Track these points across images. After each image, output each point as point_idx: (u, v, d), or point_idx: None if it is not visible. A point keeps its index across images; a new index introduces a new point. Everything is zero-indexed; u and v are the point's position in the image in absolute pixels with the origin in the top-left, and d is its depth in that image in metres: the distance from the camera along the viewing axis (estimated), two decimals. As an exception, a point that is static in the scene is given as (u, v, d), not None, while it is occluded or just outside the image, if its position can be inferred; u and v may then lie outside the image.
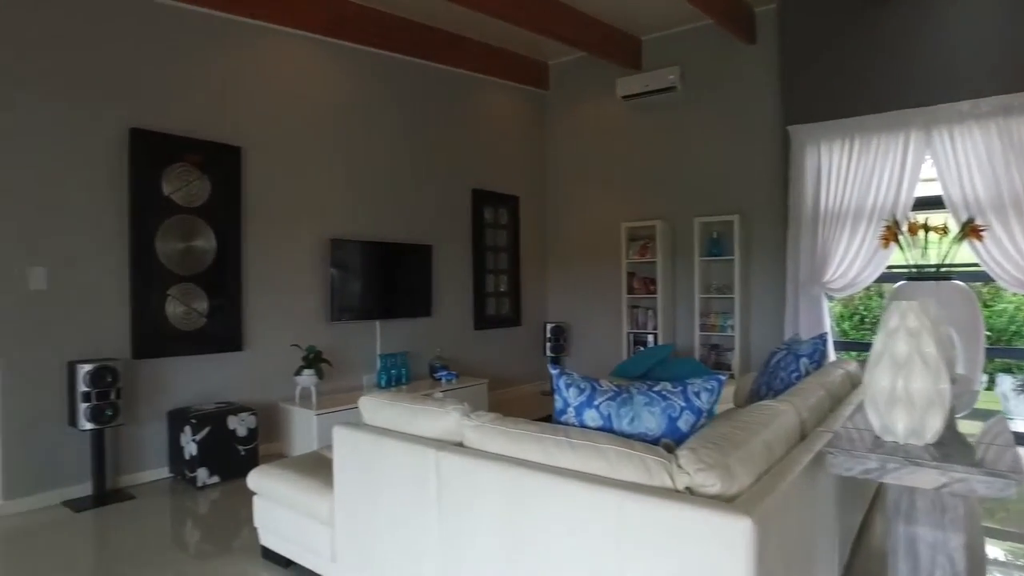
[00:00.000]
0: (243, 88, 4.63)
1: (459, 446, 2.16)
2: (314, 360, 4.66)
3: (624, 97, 6.39)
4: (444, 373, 5.67)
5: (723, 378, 2.04)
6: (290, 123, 4.92)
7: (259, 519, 2.92)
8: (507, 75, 6.75)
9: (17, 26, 3.64)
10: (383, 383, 5.40)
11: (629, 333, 6.40)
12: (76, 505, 3.69)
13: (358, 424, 2.51)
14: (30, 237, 3.69)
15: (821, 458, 1.98)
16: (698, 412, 2.01)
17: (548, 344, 7.00)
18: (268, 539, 2.91)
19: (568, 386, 2.15)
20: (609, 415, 2.05)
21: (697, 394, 2.02)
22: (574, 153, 7.09)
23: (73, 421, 3.70)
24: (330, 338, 5.14)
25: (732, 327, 5.77)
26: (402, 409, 2.38)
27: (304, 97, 5.01)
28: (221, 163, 4.43)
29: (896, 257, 4.67)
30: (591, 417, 2.08)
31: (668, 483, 1.69)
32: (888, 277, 5.07)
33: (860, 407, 2.28)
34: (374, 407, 2.49)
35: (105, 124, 3.95)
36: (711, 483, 1.61)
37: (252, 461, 4.20)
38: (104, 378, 3.67)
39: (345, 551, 2.47)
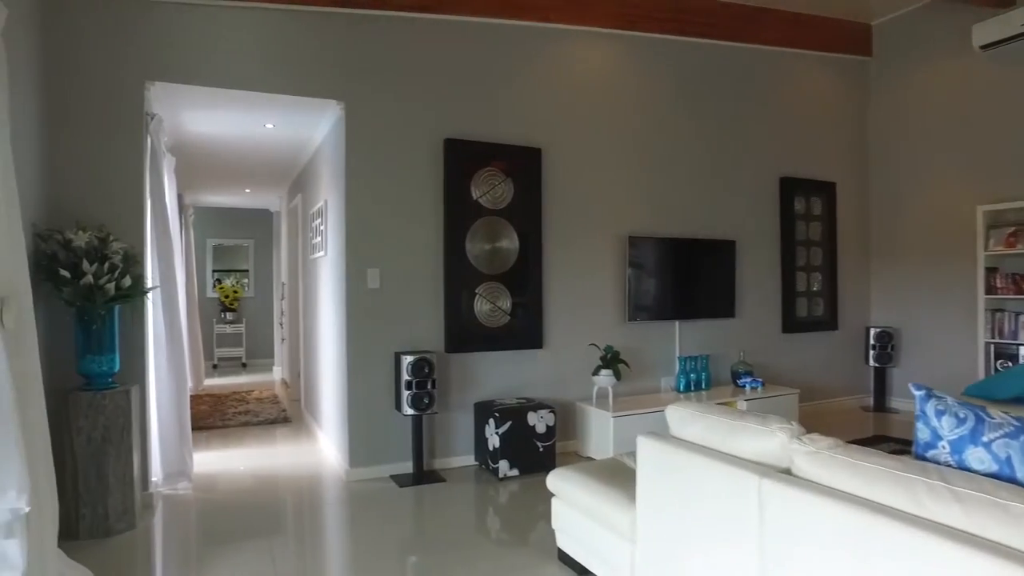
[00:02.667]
0: (542, 91, 4.73)
1: (786, 473, 1.80)
2: (612, 360, 4.56)
3: (983, 47, 5.14)
4: (748, 380, 5.17)
5: None
6: (586, 121, 4.90)
7: (557, 521, 2.86)
8: (818, 45, 5.94)
9: (364, 56, 4.17)
10: (682, 387, 5.10)
11: (988, 343, 5.15)
12: (400, 480, 4.10)
13: (664, 435, 2.28)
14: (374, 241, 4.20)
15: None
16: None
17: (872, 352, 6.00)
18: (565, 543, 2.84)
19: (940, 413, 1.65)
20: (1008, 458, 1.51)
21: None
22: (907, 127, 5.96)
23: (398, 406, 4.12)
24: (627, 338, 5.01)
25: None
26: (717, 423, 2.09)
27: (598, 93, 4.96)
28: (523, 165, 4.58)
29: None
30: (977, 458, 1.56)
31: None
32: None
33: None
34: (683, 418, 2.24)
35: (424, 137, 4.34)
36: None
37: (550, 458, 4.24)
38: (422, 369, 4.01)
39: (646, 573, 2.26)
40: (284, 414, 6.14)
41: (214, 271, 10.20)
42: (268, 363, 9.95)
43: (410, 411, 4.00)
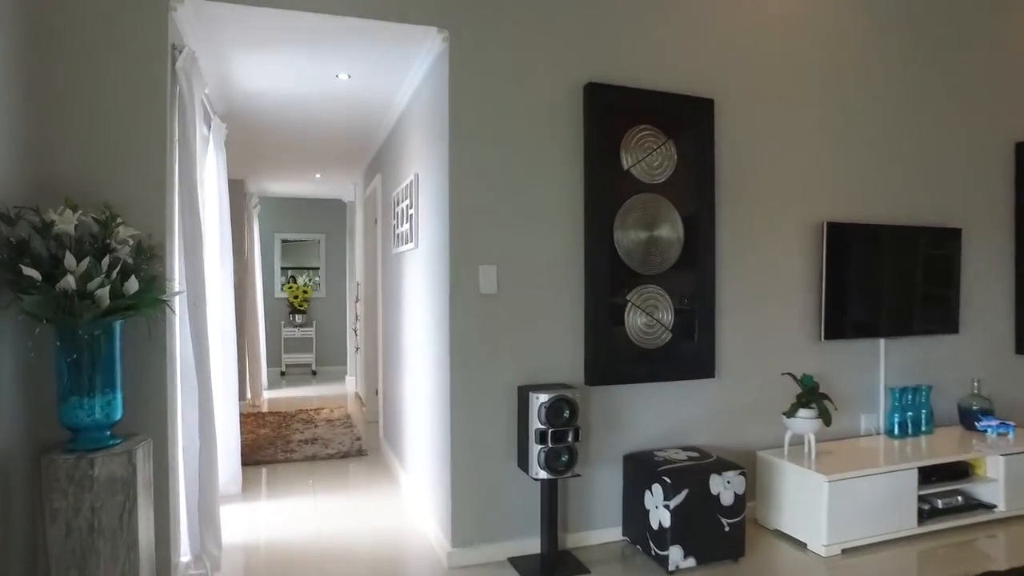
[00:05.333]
0: (715, 21, 3.39)
1: None
2: (814, 396, 3.20)
3: None
4: (993, 423, 3.69)
5: None
6: (771, 64, 3.53)
7: None
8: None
9: (466, -32, 2.95)
10: (895, 430, 3.68)
11: None
12: (525, 569, 2.86)
13: None
14: (488, 228, 2.97)
15: None
16: None
17: None
18: None
19: None
20: None
21: None
22: None
23: (523, 463, 2.87)
24: (817, 362, 3.63)
25: None
26: None
27: (788, 29, 3.58)
28: (689, 122, 3.25)
29: None
30: None
31: None
32: None
33: None
34: None
35: (558, 81, 3.07)
36: None
37: (738, 540, 2.92)
38: (561, 412, 2.75)
39: None
40: (359, 444, 5.02)
41: (283, 268, 9.29)
42: (340, 371, 8.97)
43: (543, 474, 2.75)
